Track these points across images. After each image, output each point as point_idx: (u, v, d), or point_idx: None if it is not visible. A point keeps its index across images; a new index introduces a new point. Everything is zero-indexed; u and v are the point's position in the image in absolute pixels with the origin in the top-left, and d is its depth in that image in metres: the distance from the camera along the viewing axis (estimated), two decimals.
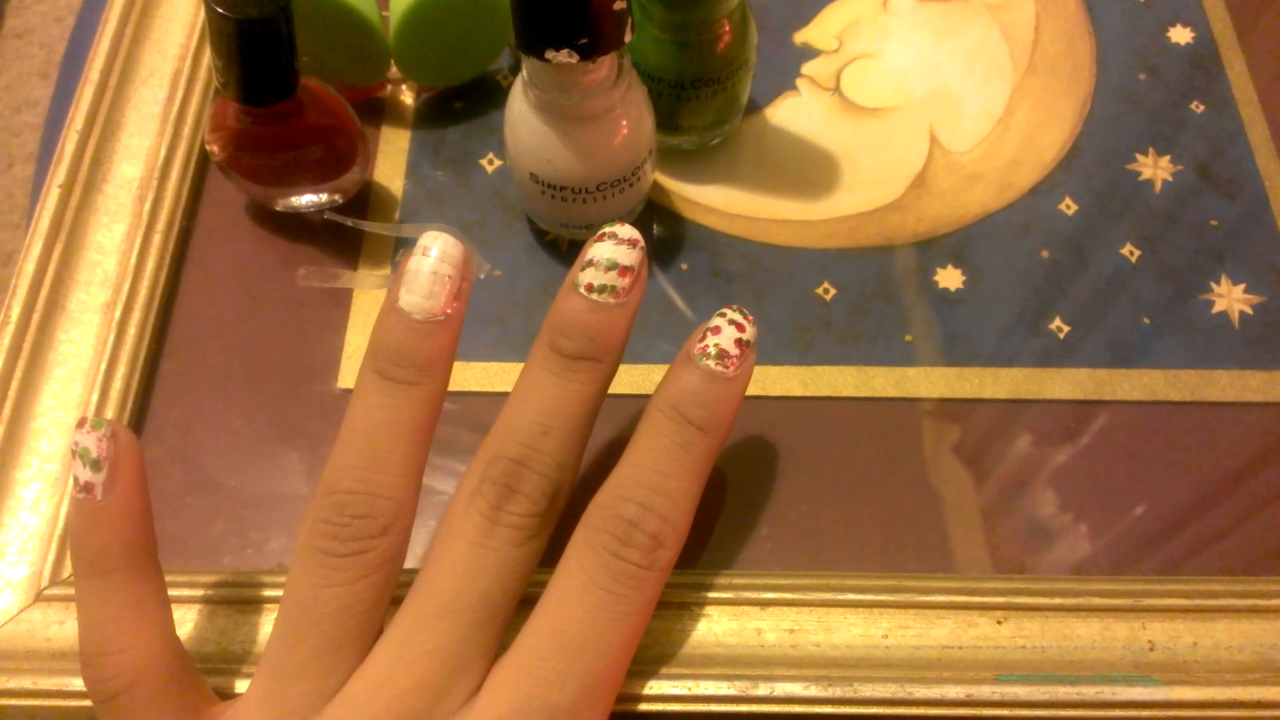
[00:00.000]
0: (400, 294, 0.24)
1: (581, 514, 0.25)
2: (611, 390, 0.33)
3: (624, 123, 0.31)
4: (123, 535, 0.23)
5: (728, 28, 0.33)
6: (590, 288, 0.25)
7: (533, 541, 0.24)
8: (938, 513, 0.31)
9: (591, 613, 0.23)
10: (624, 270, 0.25)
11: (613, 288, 0.25)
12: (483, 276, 0.25)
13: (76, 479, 0.23)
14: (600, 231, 0.25)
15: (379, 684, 0.22)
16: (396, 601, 0.24)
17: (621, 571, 0.23)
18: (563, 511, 0.25)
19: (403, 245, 0.36)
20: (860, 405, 0.33)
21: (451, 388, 0.33)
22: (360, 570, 0.23)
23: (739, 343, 0.25)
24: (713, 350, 0.25)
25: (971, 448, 0.32)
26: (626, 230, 0.25)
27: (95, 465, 0.23)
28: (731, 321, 0.25)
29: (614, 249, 0.25)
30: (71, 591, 0.29)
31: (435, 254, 0.24)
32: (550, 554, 0.25)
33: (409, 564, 0.25)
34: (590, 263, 0.25)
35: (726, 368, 0.25)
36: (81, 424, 0.23)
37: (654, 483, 0.24)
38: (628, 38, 0.28)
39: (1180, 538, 0.31)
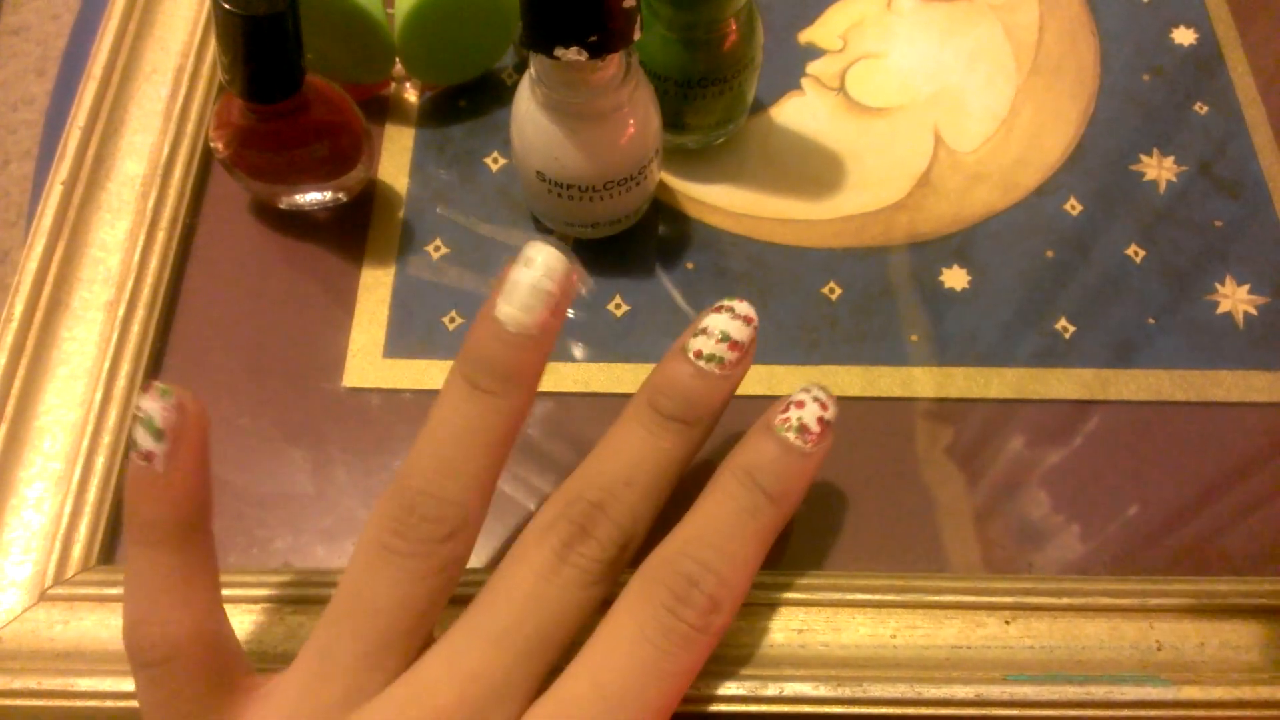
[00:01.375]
0: (498, 303, 0.24)
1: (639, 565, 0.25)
2: (616, 390, 0.33)
3: (631, 121, 0.31)
4: (177, 510, 0.23)
5: (734, 27, 0.33)
6: (699, 355, 0.25)
7: (595, 587, 0.24)
8: (944, 512, 0.31)
9: (636, 667, 0.23)
10: (734, 344, 0.25)
11: (720, 359, 0.25)
12: (585, 293, 0.25)
13: (137, 445, 0.22)
14: (718, 304, 0.26)
15: (420, 693, 0.22)
16: (460, 603, 0.24)
17: (673, 630, 0.23)
18: (628, 564, 0.25)
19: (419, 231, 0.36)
20: (866, 405, 0.33)
21: None
22: (420, 571, 0.23)
23: (821, 421, 0.25)
24: (794, 423, 0.25)
25: (976, 448, 0.32)
26: (743, 307, 0.26)
27: (158, 435, 0.22)
28: (816, 399, 0.26)
29: (728, 323, 0.26)
30: (75, 591, 0.29)
31: (538, 266, 0.24)
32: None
33: (474, 563, 0.25)
34: (703, 331, 0.26)
35: (805, 443, 0.25)
36: (148, 389, 0.23)
37: (718, 544, 0.24)
38: (637, 36, 0.28)
39: (1186, 538, 0.31)
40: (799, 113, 0.39)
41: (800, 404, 0.25)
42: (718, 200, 0.37)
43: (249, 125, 0.32)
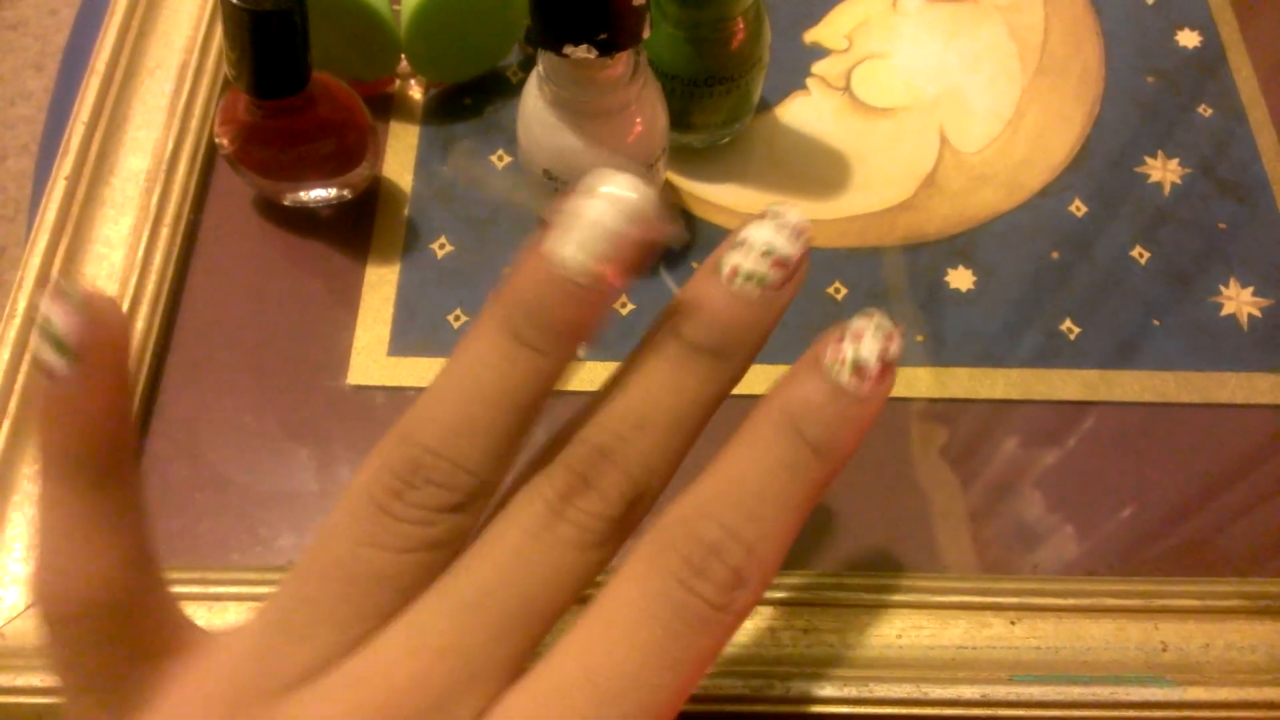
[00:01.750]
0: (555, 239, 0.19)
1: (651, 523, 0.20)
2: None
3: (639, 119, 0.31)
4: (90, 441, 0.19)
5: (742, 26, 0.33)
6: (735, 272, 0.20)
7: (596, 550, 0.19)
8: (947, 512, 0.31)
9: (640, 652, 0.18)
10: (779, 261, 0.20)
11: (762, 278, 0.20)
12: (674, 244, 0.20)
13: (38, 358, 0.18)
14: (764, 209, 0.20)
15: (375, 672, 0.19)
16: None
17: (687, 606, 0.18)
18: (638, 526, 0.21)
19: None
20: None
21: None
22: (415, 542, 0.19)
23: (883, 359, 0.20)
24: (850, 360, 0.20)
25: (980, 448, 0.32)
26: (794, 214, 0.20)
27: (63, 349, 0.18)
28: (879, 329, 0.20)
29: (774, 234, 0.20)
30: None
31: (619, 200, 0.19)
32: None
33: None
34: (742, 243, 0.20)
35: (862, 385, 0.20)
36: (51, 289, 0.18)
37: (748, 505, 0.19)
38: (646, 34, 0.28)
39: (1190, 539, 0.31)
40: (804, 112, 0.39)
41: (859, 335, 0.20)
42: (723, 199, 0.37)
43: (254, 121, 0.32)
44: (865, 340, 0.20)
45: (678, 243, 0.20)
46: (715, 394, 0.21)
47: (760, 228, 0.20)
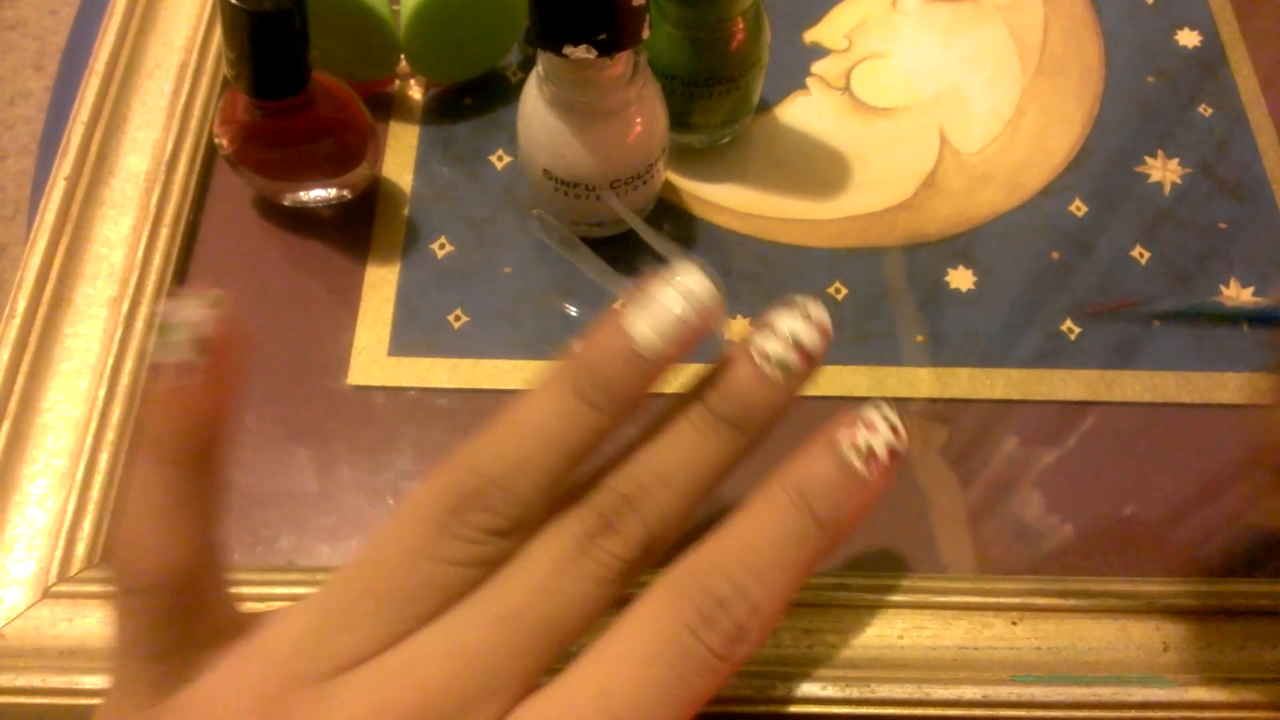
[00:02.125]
0: (635, 319, 0.22)
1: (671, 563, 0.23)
2: None
3: (639, 120, 0.31)
4: (198, 428, 0.21)
5: (741, 25, 0.33)
6: (765, 356, 0.23)
7: (611, 586, 0.22)
8: (950, 513, 0.31)
9: (647, 687, 0.21)
10: (804, 353, 0.23)
11: (787, 366, 0.23)
12: (719, 335, 0.23)
13: (166, 352, 0.20)
14: (789, 299, 0.23)
15: (411, 667, 0.21)
16: None
17: (692, 653, 0.21)
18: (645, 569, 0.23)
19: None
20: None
21: (458, 385, 0.33)
22: (464, 557, 0.21)
23: (891, 450, 0.23)
24: (862, 446, 0.23)
25: (980, 449, 0.32)
26: (818, 311, 0.23)
27: (196, 346, 0.20)
28: (889, 424, 0.23)
29: (801, 327, 0.23)
30: (78, 589, 0.29)
31: (690, 294, 0.22)
32: None
33: None
34: (771, 329, 0.23)
35: (870, 471, 0.23)
36: (181, 294, 0.20)
37: (757, 568, 0.22)
38: (646, 34, 0.28)
39: (1190, 539, 0.31)
40: (804, 112, 0.39)
41: (872, 426, 0.23)
42: (723, 199, 0.37)
43: (254, 121, 0.32)
44: (878, 431, 0.23)
45: (720, 332, 0.25)
46: (730, 461, 0.23)
47: (788, 318, 0.23)
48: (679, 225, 0.36)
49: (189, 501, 0.21)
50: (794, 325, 0.23)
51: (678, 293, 0.22)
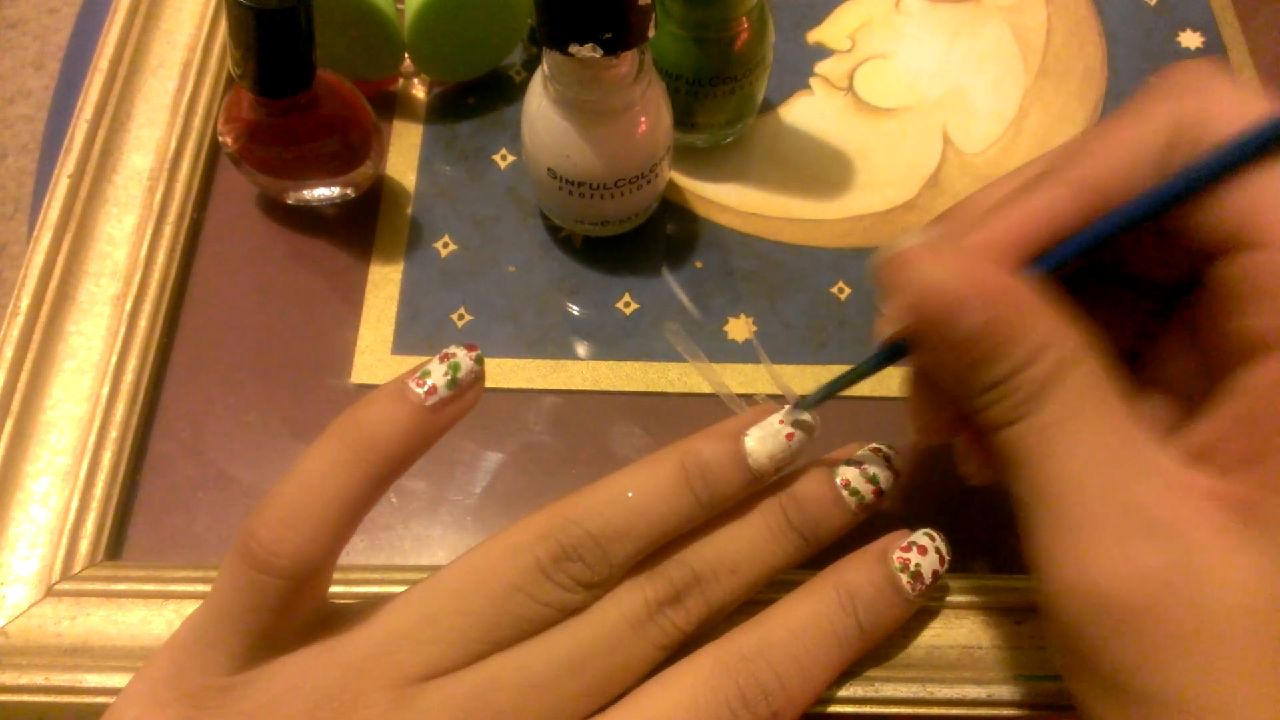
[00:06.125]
0: (754, 437, 0.25)
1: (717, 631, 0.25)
2: (624, 388, 0.33)
3: (643, 119, 0.31)
4: (417, 450, 0.23)
5: (746, 25, 0.33)
6: (846, 484, 0.26)
7: (662, 651, 0.24)
8: (951, 513, 0.31)
9: None
10: (878, 490, 0.27)
11: (862, 497, 0.26)
12: (774, 475, 0.26)
13: (425, 380, 0.23)
14: (875, 445, 0.27)
15: (487, 689, 0.23)
16: None
17: None
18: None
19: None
20: (876, 404, 0.33)
21: None
22: (553, 600, 0.24)
23: (935, 574, 0.26)
24: (912, 567, 0.26)
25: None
26: (897, 460, 0.27)
27: (452, 384, 0.23)
28: (938, 551, 0.26)
29: (882, 468, 0.27)
30: (82, 587, 0.29)
31: (799, 440, 0.26)
32: None
33: None
34: (857, 464, 0.27)
35: (913, 590, 0.26)
36: (465, 347, 0.23)
37: (801, 662, 0.24)
38: (651, 33, 0.28)
39: None
40: (808, 112, 0.39)
41: (924, 550, 0.26)
42: (726, 199, 0.37)
43: (259, 120, 0.32)
44: (929, 555, 0.26)
45: (782, 470, 0.28)
46: (790, 565, 0.26)
47: (875, 459, 0.27)
48: (682, 224, 0.36)
49: (363, 507, 0.22)
50: (878, 470, 0.27)
51: (794, 432, 0.26)
